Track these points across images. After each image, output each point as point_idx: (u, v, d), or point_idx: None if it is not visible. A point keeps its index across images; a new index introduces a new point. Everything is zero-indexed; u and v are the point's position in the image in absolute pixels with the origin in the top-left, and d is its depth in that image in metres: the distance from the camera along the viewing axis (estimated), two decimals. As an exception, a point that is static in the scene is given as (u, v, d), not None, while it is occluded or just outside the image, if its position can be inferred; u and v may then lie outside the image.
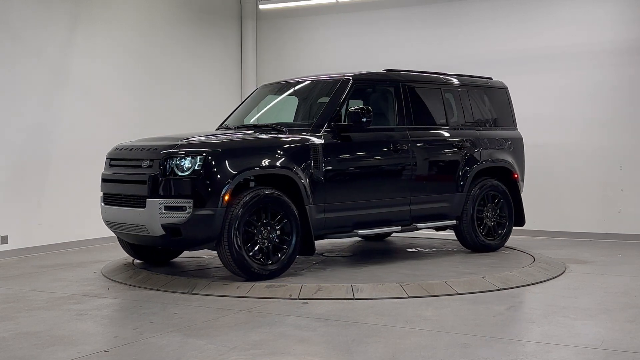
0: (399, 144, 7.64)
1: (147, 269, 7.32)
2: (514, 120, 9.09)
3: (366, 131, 7.40)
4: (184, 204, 6.37)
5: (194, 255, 8.01)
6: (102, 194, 7.20)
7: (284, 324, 5.33)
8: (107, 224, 7.22)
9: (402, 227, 7.77)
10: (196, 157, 6.43)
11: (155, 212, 6.44)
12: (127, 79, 10.26)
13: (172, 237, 6.50)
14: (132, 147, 7.00)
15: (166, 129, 9.14)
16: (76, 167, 9.28)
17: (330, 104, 7.40)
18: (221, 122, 8.29)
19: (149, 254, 7.66)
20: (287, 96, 8.17)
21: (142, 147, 6.85)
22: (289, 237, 6.78)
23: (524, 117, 9.53)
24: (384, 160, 7.65)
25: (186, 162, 6.44)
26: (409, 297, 6.20)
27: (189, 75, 11.31)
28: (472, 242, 8.30)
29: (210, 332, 5.12)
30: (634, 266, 7.91)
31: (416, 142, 7.81)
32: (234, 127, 7.82)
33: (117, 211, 6.91)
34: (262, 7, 12.09)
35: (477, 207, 8.27)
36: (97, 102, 9.80)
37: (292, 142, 6.99)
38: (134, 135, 8.31)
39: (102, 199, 7.22)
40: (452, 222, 8.16)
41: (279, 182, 6.85)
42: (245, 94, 12.24)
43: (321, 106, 7.57)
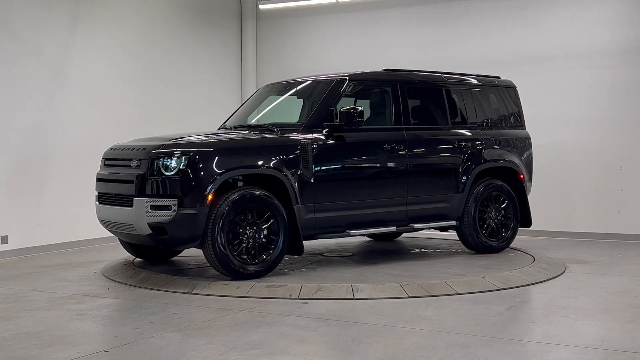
0: (394, 144, 7.60)
1: (147, 269, 7.33)
2: (523, 119, 8.98)
3: (360, 131, 7.40)
4: (169, 204, 6.45)
5: (194, 254, 8.00)
6: (97, 193, 7.29)
7: (284, 324, 5.33)
8: (102, 223, 7.30)
9: (398, 227, 7.73)
10: (181, 157, 6.52)
11: (142, 211, 6.52)
12: (127, 79, 10.26)
13: (159, 236, 6.58)
14: (124, 147, 7.09)
15: (166, 129, 9.14)
16: (76, 167, 9.28)
17: (322, 103, 7.39)
18: (223, 122, 8.31)
19: (149, 253, 7.70)
20: (290, 96, 8.16)
21: (132, 147, 6.94)
22: (276, 236, 6.80)
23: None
24: (378, 160, 7.58)
25: (172, 162, 6.52)
26: (409, 297, 6.20)
27: (189, 75, 11.31)
28: (473, 243, 8.21)
29: (210, 332, 5.12)
30: (634, 266, 7.91)
31: (413, 142, 7.75)
32: (232, 127, 7.84)
33: (109, 210, 7.01)
34: (262, 7, 12.09)
35: (480, 208, 8.18)
36: (97, 102, 9.81)
37: (280, 142, 7.01)
38: (133, 135, 8.32)
39: (96, 198, 7.31)
40: (451, 222, 8.09)
41: (268, 182, 6.88)
42: (245, 94, 12.25)
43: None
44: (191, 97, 11.29)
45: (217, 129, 8.03)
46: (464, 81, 8.54)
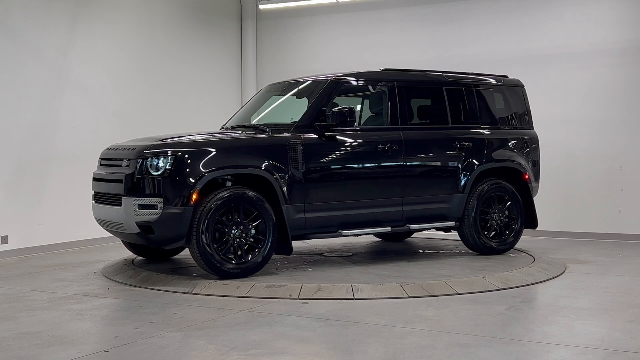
0: (388, 144, 7.56)
1: (147, 269, 7.33)
2: (530, 119, 8.81)
3: (353, 131, 7.41)
4: (155, 203, 6.54)
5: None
6: (93, 193, 7.38)
7: (284, 324, 5.33)
8: (98, 222, 7.41)
9: (393, 227, 7.69)
10: (167, 158, 6.61)
11: (130, 210, 6.62)
12: (127, 79, 10.26)
13: (147, 234, 6.66)
14: (117, 148, 7.19)
15: (166, 129, 9.13)
16: (76, 167, 9.28)
17: (314, 103, 7.40)
18: (226, 122, 8.33)
19: (149, 251, 7.75)
20: (290, 96, 8.15)
21: (124, 148, 7.04)
22: (264, 236, 6.83)
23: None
24: (372, 160, 7.54)
25: (159, 162, 6.61)
26: (409, 297, 6.20)
27: (189, 75, 11.31)
28: (474, 244, 8.11)
29: (210, 332, 5.12)
30: (634, 266, 7.91)
31: (410, 142, 7.69)
32: (229, 127, 7.88)
33: (102, 209, 7.13)
34: (262, 7, 12.09)
35: (483, 209, 8.07)
36: (97, 102, 9.81)
37: (268, 142, 7.05)
38: (133, 135, 8.32)
39: (92, 197, 7.40)
40: (450, 223, 8.01)
41: (257, 182, 6.91)
42: (245, 94, 12.26)
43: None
44: (191, 97, 11.29)
45: (219, 129, 8.05)
46: (466, 80, 8.42)
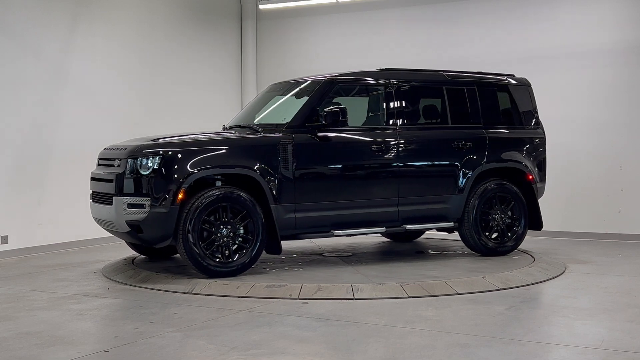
0: (382, 144, 7.54)
1: (147, 269, 7.33)
2: (537, 118, 8.65)
3: (345, 131, 7.41)
4: (143, 202, 6.63)
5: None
6: (91, 192, 7.45)
7: (284, 324, 5.33)
8: (95, 220, 7.47)
9: (388, 228, 7.66)
10: (155, 157, 6.69)
11: (120, 209, 6.73)
12: (127, 79, 10.26)
13: (137, 233, 6.76)
14: (113, 148, 7.28)
15: (166, 129, 9.14)
16: (76, 167, 9.27)
17: (307, 103, 7.41)
18: (229, 122, 8.34)
19: (150, 249, 7.79)
20: (292, 96, 8.12)
21: (118, 148, 7.14)
22: (252, 236, 6.87)
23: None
24: (365, 160, 7.51)
25: (148, 162, 6.69)
26: (409, 297, 6.20)
27: (189, 75, 11.31)
28: (475, 245, 8.02)
29: (210, 332, 5.12)
30: (634, 266, 7.91)
31: (405, 142, 7.65)
32: (227, 128, 7.92)
33: (98, 208, 7.25)
34: (262, 7, 12.09)
35: (484, 209, 7.97)
36: (97, 102, 9.81)
37: (258, 142, 7.09)
38: (133, 135, 8.33)
39: (90, 196, 7.48)
40: (449, 224, 7.92)
41: (246, 181, 6.94)
42: (245, 94, 12.26)
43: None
44: (191, 96, 11.28)
45: (220, 129, 8.07)
46: (467, 79, 8.32)
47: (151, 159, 6.68)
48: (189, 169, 6.68)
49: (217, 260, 6.73)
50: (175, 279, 6.79)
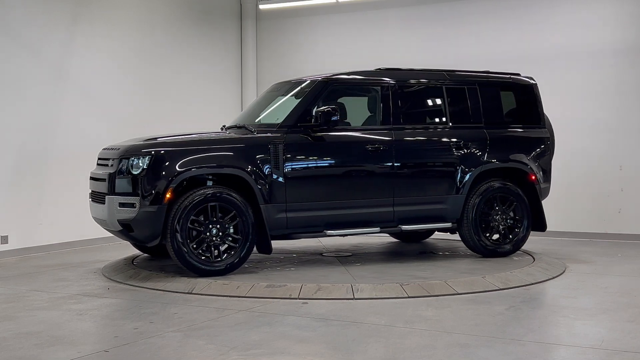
0: (377, 144, 7.50)
1: (147, 269, 7.33)
2: (542, 118, 8.48)
3: (339, 130, 7.40)
4: (134, 201, 6.74)
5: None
6: (90, 191, 7.53)
7: (284, 324, 5.33)
8: (94, 220, 7.54)
9: (384, 228, 7.62)
10: (145, 157, 6.79)
11: (112, 208, 6.86)
12: (127, 79, 10.26)
13: (128, 232, 6.86)
14: (110, 148, 7.37)
15: (165, 129, 9.12)
16: (76, 167, 9.26)
17: (301, 103, 7.42)
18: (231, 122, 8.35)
19: (151, 248, 7.81)
20: (292, 96, 8.10)
21: (114, 148, 7.24)
22: (242, 235, 6.90)
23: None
24: (357, 160, 7.49)
25: (138, 162, 6.80)
26: (409, 297, 6.20)
27: (189, 75, 11.31)
28: (474, 245, 7.94)
29: (210, 332, 5.12)
30: (634, 266, 7.90)
31: (401, 142, 7.61)
32: (224, 127, 7.94)
33: (95, 207, 7.37)
34: (262, 7, 12.09)
35: (485, 210, 7.88)
36: (97, 102, 9.81)
37: (249, 142, 7.13)
38: (132, 135, 8.32)
39: (89, 196, 7.56)
40: (447, 224, 7.85)
41: (238, 181, 6.98)
42: (245, 94, 12.27)
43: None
44: (191, 96, 11.28)
45: (220, 129, 8.08)
46: (468, 79, 8.22)
47: (142, 158, 6.79)
48: (177, 169, 6.76)
49: (203, 258, 6.80)
50: (175, 279, 6.79)
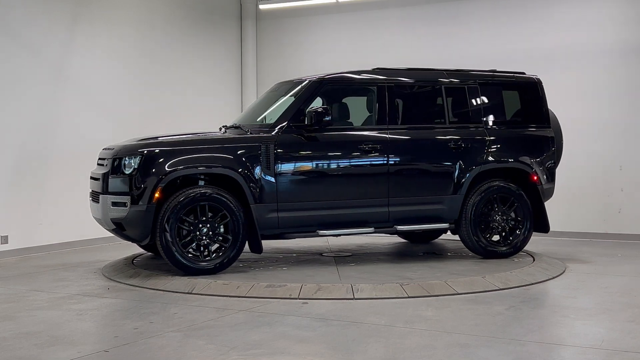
0: (370, 143, 7.47)
1: (147, 269, 7.34)
2: (546, 117, 8.33)
3: (333, 131, 7.41)
4: (125, 200, 6.86)
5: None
6: (90, 191, 7.60)
7: (284, 324, 5.33)
8: (94, 219, 7.60)
9: (378, 228, 7.59)
10: (136, 157, 6.90)
11: (106, 207, 7.00)
12: (127, 79, 10.26)
13: (121, 231, 6.97)
14: (108, 148, 7.43)
15: (165, 129, 9.14)
16: (76, 167, 9.27)
17: (294, 103, 7.44)
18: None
19: (153, 247, 7.82)
20: (291, 96, 8.09)
21: (112, 148, 7.32)
22: (232, 235, 6.95)
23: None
24: (352, 160, 7.47)
25: (130, 161, 6.91)
26: (409, 297, 6.20)
27: (189, 75, 11.31)
28: (473, 246, 7.87)
29: (210, 332, 5.12)
30: (634, 266, 7.91)
31: (396, 142, 7.57)
32: (226, 127, 7.94)
33: (93, 207, 7.45)
34: (262, 7, 12.10)
35: (484, 211, 7.81)
36: (97, 102, 9.81)
37: (240, 141, 7.17)
38: (133, 135, 8.32)
39: (89, 195, 7.64)
40: (444, 225, 7.80)
41: (228, 181, 7.02)
42: (245, 94, 12.27)
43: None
44: (191, 96, 11.29)
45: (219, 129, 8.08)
46: (469, 78, 8.12)
47: (133, 158, 6.89)
48: (166, 169, 6.84)
49: (190, 256, 6.86)
50: (175, 279, 6.79)
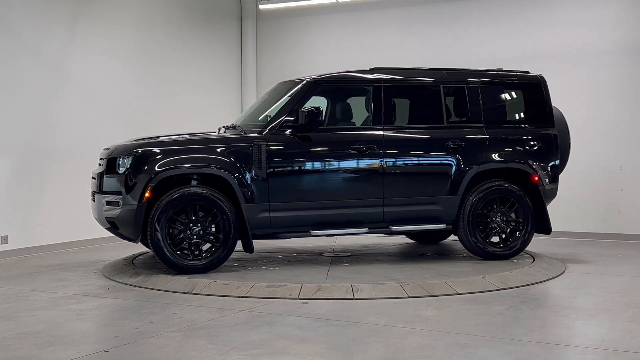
0: (365, 143, 7.44)
1: (147, 269, 7.33)
2: (550, 117, 8.21)
3: (327, 131, 7.43)
4: (117, 200, 6.98)
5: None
6: (91, 191, 7.65)
7: (284, 324, 5.33)
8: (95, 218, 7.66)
9: (372, 228, 7.57)
10: (129, 157, 6.99)
11: (101, 206, 7.14)
12: (127, 79, 10.26)
13: (115, 229, 7.06)
14: (108, 148, 7.48)
15: (165, 129, 9.14)
16: (76, 167, 9.28)
17: (287, 103, 7.45)
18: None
19: None
20: (289, 96, 8.09)
21: (107, 148, 7.41)
22: (223, 234, 7.00)
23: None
24: (343, 160, 7.44)
25: (124, 161, 7.01)
26: (409, 297, 6.20)
27: (189, 75, 11.31)
28: (472, 247, 7.80)
29: (210, 332, 5.12)
30: (634, 266, 7.91)
31: (391, 142, 7.53)
32: (224, 127, 7.96)
33: (92, 206, 7.53)
34: (262, 7, 12.10)
35: (483, 212, 7.74)
36: (97, 102, 9.81)
37: (232, 141, 7.20)
38: (133, 135, 8.33)
39: (91, 194, 7.70)
40: (441, 225, 7.72)
41: (221, 181, 7.06)
42: (245, 94, 12.27)
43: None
44: (191, 96, 11.29)
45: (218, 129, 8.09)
46: (468, 77, 8.05)
47: (126, 158, 6.97)
48: (157, 169, 6.90)
49: (179, 254, 6.93)
50: (175, 279, 6.79)
